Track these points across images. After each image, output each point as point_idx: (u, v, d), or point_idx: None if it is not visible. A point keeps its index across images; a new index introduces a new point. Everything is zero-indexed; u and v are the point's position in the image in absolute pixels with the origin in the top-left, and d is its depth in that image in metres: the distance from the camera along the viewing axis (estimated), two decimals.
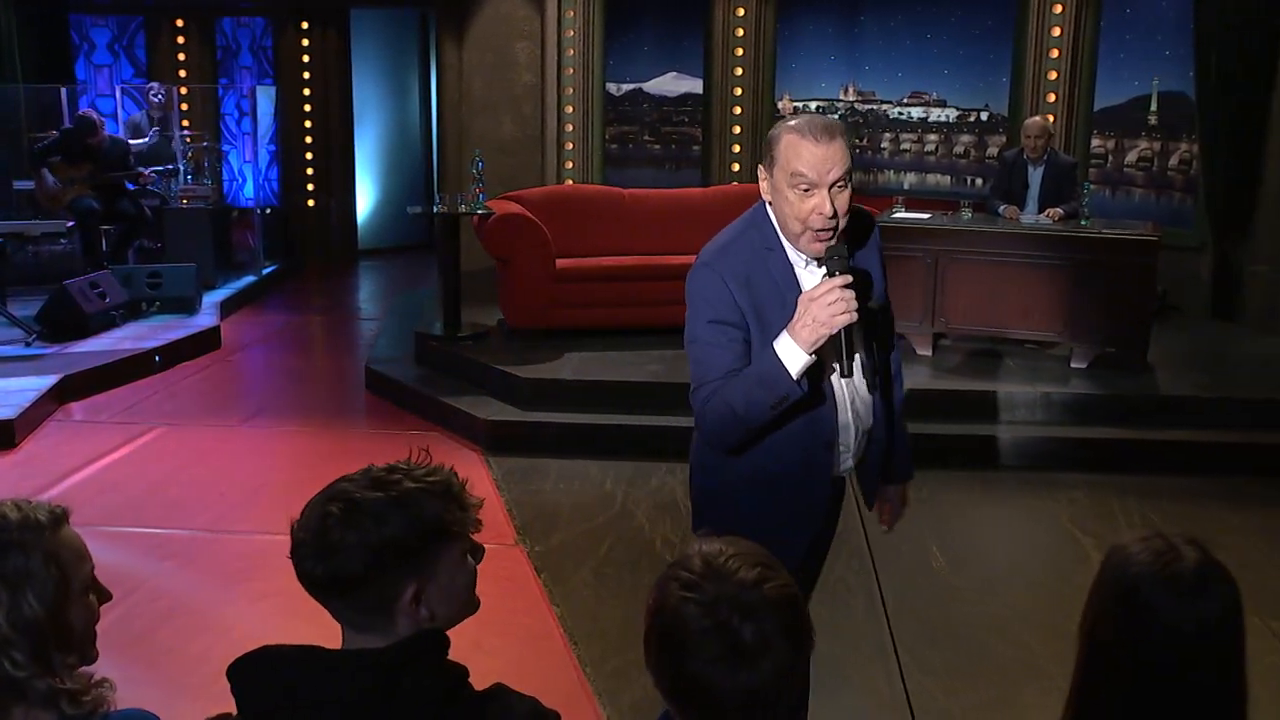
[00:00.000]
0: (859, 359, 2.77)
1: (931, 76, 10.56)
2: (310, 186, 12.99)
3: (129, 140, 10.78)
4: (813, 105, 10.80)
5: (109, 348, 8.41)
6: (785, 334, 2.64)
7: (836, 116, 2.80)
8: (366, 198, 13.62)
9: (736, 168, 10.84)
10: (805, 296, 2.63)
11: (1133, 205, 9.72)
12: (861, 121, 10.77)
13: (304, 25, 12.63)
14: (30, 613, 1.82)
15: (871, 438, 2.99)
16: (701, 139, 10.99)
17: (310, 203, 12.99)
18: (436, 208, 8.36)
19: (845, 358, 2.69)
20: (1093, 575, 1.87)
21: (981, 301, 7.54)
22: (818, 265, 2.74)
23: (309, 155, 12.94)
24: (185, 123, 11.99)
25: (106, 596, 2.00)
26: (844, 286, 2.60)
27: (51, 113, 11.32)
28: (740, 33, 10.68)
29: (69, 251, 9.19)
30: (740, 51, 10.72)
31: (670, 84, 10.98)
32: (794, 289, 2.74)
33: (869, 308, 2.76)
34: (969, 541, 5.63)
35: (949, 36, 10.41)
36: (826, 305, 2.58)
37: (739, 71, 10.75)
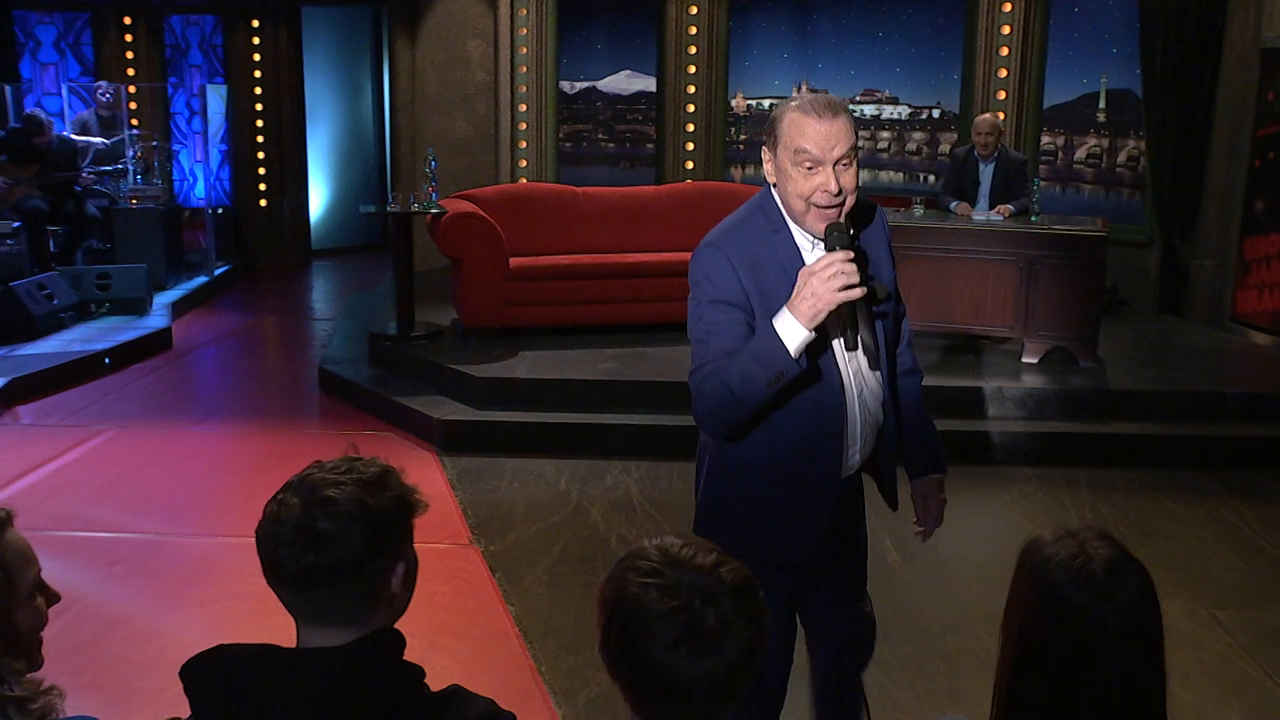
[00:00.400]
0: (862, 336, 2.65)
1: (884, 75, 10.62)
2: (262, 186, 12.87)
3: (88, 139, 10.65)
4: (766, 103, 10.84)
5: (58, 350, 8.31)
6: (785, 309, 2.56)
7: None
8: (320, 197, 13.53)
9: (690, 165, 10.86)
10: (805, 270, 2.57)
11: (1082, 201, 9.83)
12: None
13: (255, 23, 12.52)
14: None
15: (883, 434, 2.91)
16: (655, 137, 11.00)
17: (263, 202, 12.88)
18: (389, 207, 8.33)
19: (848, 330, 2.62)
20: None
21: (933, 297, 7.59)
22: (822, 243, 2.67)
23: (261, 155, 12.83)
24: (134, 122, 11.85)
25: (55, 598, 1.98)
26: (845, 261, 2.54)
27: None
28: (693, 31, 10.70)
29: (16, 252, 9.05)
30: (693, 50, 10.74)
31: (623, 82, 10.98)
32: (801, 267, 2.67)
33: (872, 286, 2.67)
34: None
35: (900, 35, 10.48)
36: (826, 279, 2.51)
37: (692, 70, 10.77)
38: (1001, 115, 9.51)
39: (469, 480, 6.30)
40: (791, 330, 2.55)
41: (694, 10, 10.67)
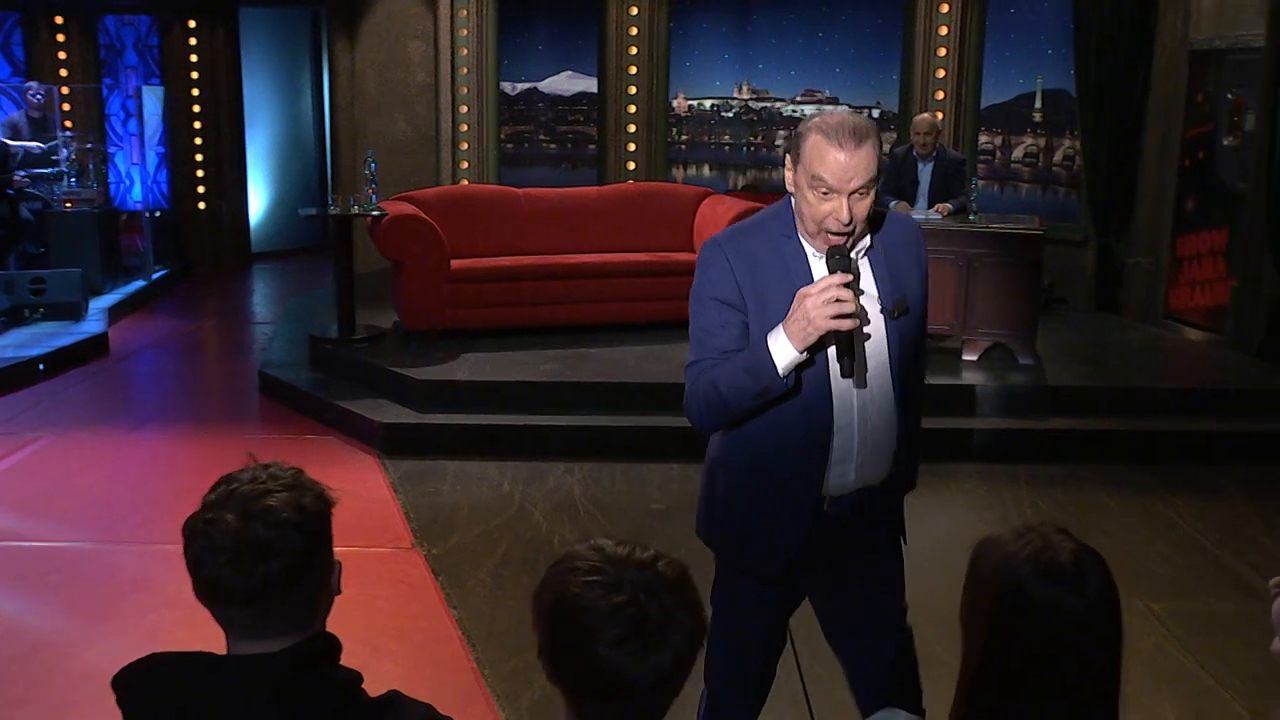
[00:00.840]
0: (855, 366, 2.65)
1: (823, 75, 10.69)
2: (201, 189, 12.71)
3: (20, 143, 10.46)
4: (707, 104, 10.87)
5: None
6: (780, 327, 2.59)
7: (864, 116, 2.65)
8: (259, 200, 13.38)
9: (632, 166, 10.87)
10: (801, 292, 2.57)
11: (1020, 200, 9.95)
12: (756, 119, 10.87)
13: (191, 24, 12.35)
14: None
15: (886, 457, 2.83)
16: (597, 138, 11.00)
17: (201, 205, 12.72)
18: (329, 210, 8.26)
19: (842, 356, 2.62)
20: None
21: None
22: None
23: (199, 157, 12.66)
24: (68, 124, 11.66)
25: None
26: (843, 285, 2.54)
27: None
28: (634, 31, 10.71)
29: None
30: (634, 50, 10.75)
31: (565, 83, 10.96)
32: (805, 279, 2.68)
33: (901, 301, 2.70)
34: None
35: (840, 36, 10.56)
36: (820, 305, 2.52)
37: (633, 70, 10.78)
38: (940, 115, 9.59)
39: (411, 483, 6.27)
40: (783, 350, 2.59)
41: (634, 11, 10.68)
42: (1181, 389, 7.29)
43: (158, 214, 11.99)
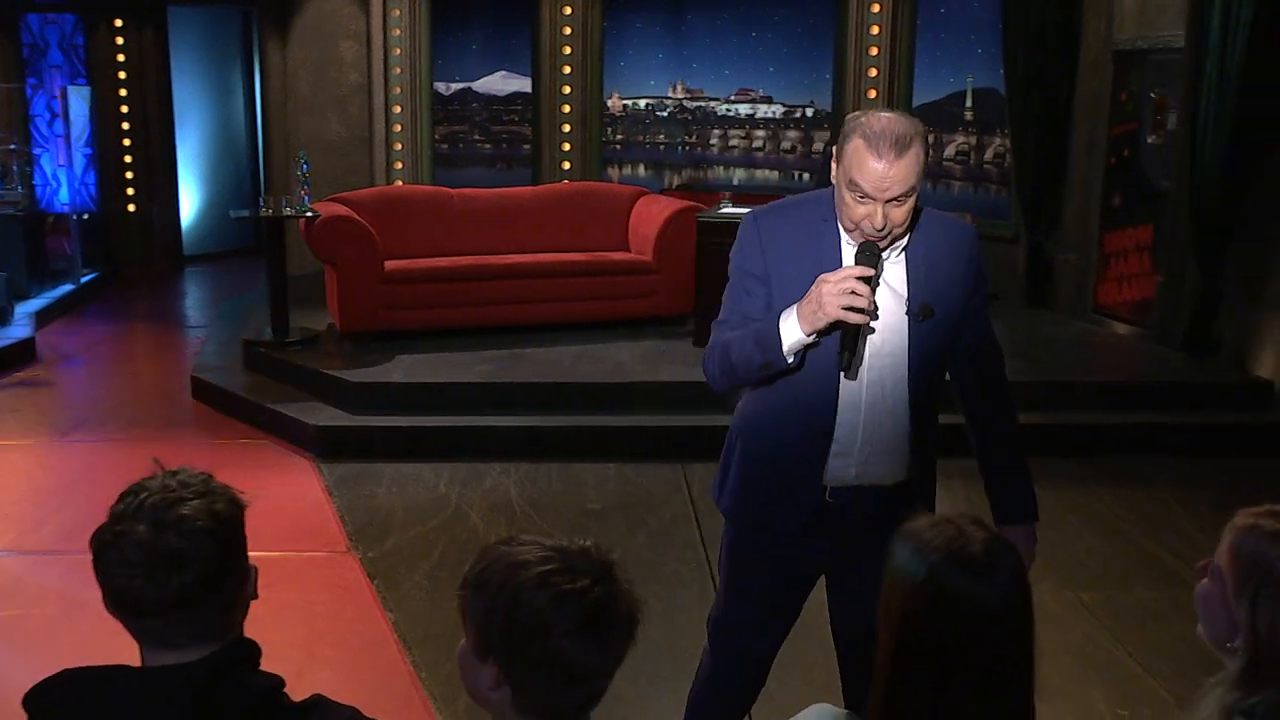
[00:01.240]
0: (853, 359, 2.65)
1: (757, 74, 10.75)
2: (130, 191, 12.51)
3: None
4: (642, 103, 10.89)
5: None
6: (794, 307, 2.62)
7: (907, 121, 2.63)
8: (191, 202, 13.21)
9: (567, 165, 10.86)
10: (821, 277, 2.59)
11: (952, 198, 10.06)
12: (690, 119, 10.90)
13: (117, 23, 12.16)
14: None
15: (896, 460, 2.84)
16: (532, 138, 10.98)
17: (131, 207, 12.52)
18: (261, 211, 8.17)
19: (844, 350, 2.62)
20: None
21: None
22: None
23: (128, 158, 12.46)
24: None
25: None
26: (861, 279, 2.55)
27: None
28: (568, 31, 10.70)
29: None
30: (568, 50, 10.74)
31: (499, 83, 10.93)
32: (834, 264, 2.69)
33: (925, 306, 2.70)
34: None
35: (773, 35, 10.62)
36: (834, 294, 2.53)
37: (567, 70, 10.77)
38: None
39: (346, 486, 6.22)
40: (791, 330, 2.63)
41: (568, 10, 10.67)
42: (1110, 382, 7.43)
43: (85, 216, 11.79)
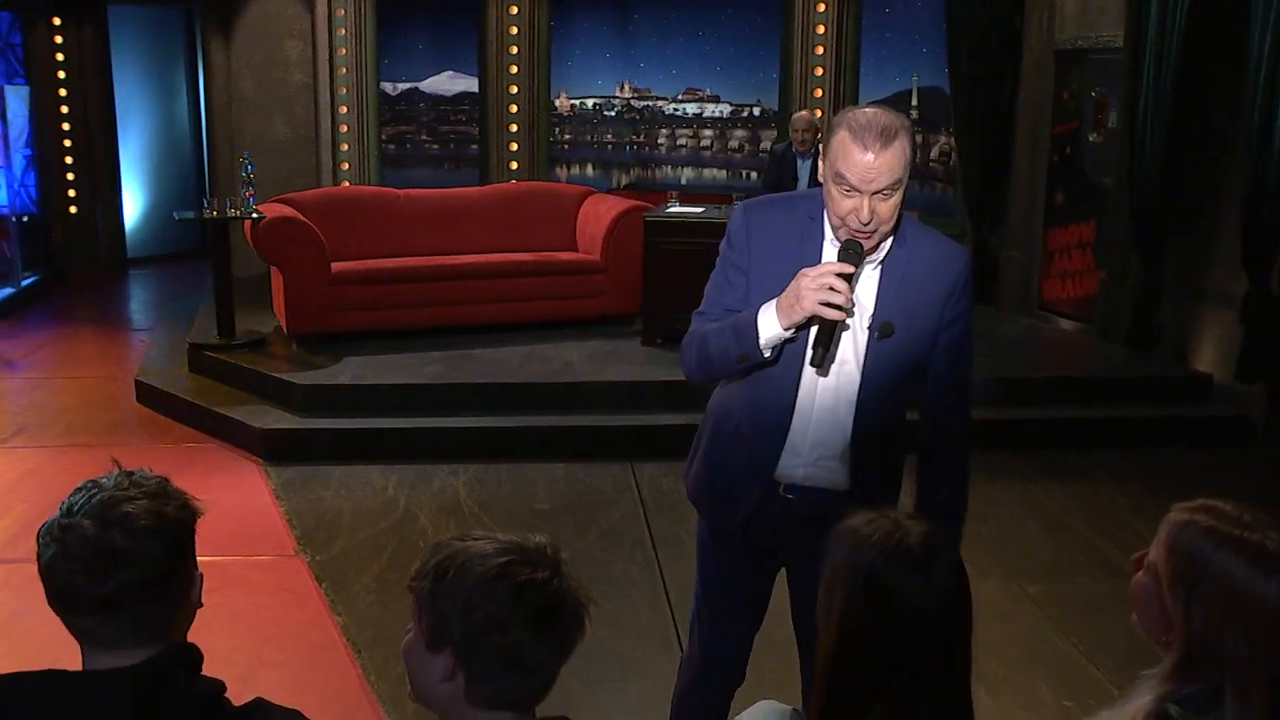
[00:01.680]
0: (826, 359, 2.64)
1: (705, 73, 10.78)
2: (72, 192, 12.33)
3: None
4: (589, 103, 10.89)
5: None
6: (773, 301, 2.62)
7: (895, 114, 2.63)
8: (135, 203, 13.04)
9: (515, 165, 10.83)
10: (801, 271, 2.58)
11: None
12: (638, 118, 10.92)
13: (56, 21, 11.98)
14: None
15: (837, 467, 2.81)
16: (479, 138, 10.94)
17: (73, 209, 12.34)
18: (205, 213, 8.09)
19: (817, 345, 2.60)
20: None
21: None
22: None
23: (69, 159, 12.28)
24: None
25: None
26: (842, 276, 2.53)
27: None
28: (514, 31, 10.67)
29: None
30: (515, 50, 10.71)
31: (446, 83, 10.89)
32: (815, 260, 2.69)
33: (880, 327, 2.66)
34: None
35: (720, 35, 10.65)
36: (813, 288, 2.52)
37: (514, 70, 10.74)
38: (819, 112, 9.74)
39: (294, 490, 6.18)
40: (769, 323, 2.63)
41: (514, 10, 10.64)
42: (1054, 377, 7.52)
43: (25, 218, 11.62)
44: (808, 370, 2.71)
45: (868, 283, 2.70)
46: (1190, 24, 7.21)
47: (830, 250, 2.70)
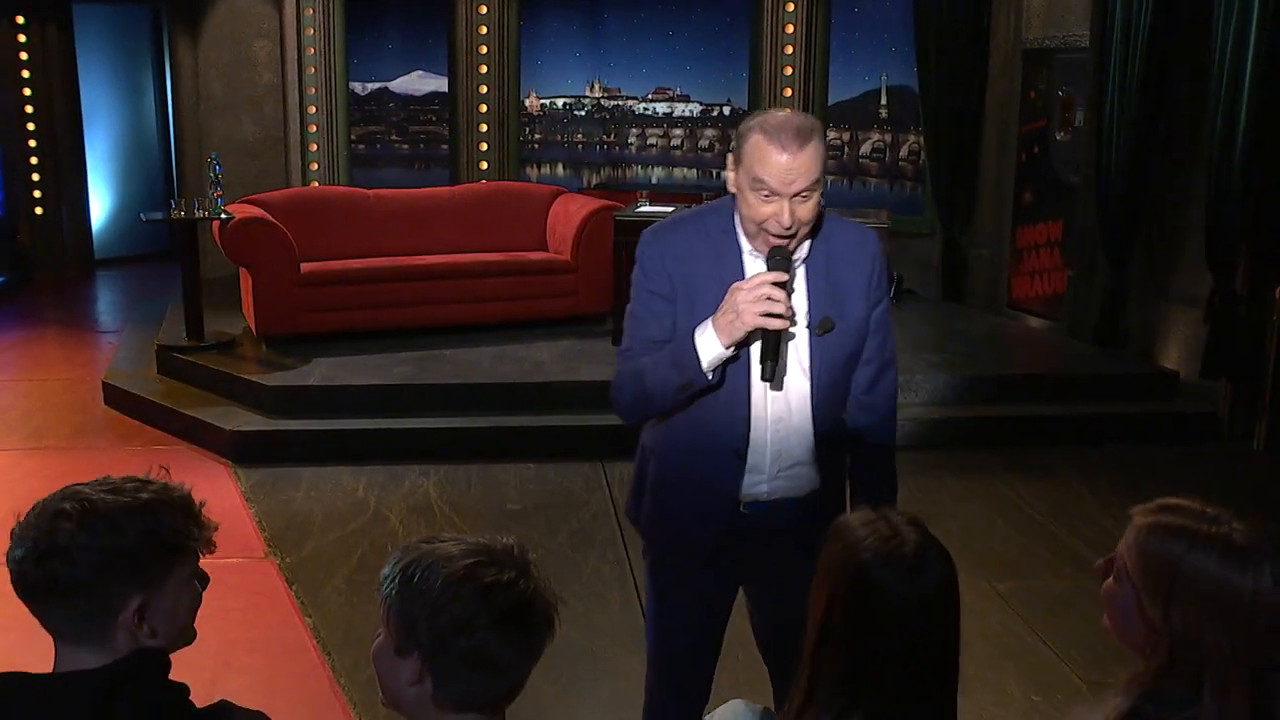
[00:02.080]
0: (776, 371, 2.59)
1: (674, 73, 10.79)
2: (38, 193, 12.22)
3: None
4: (559, 103, 10.88)
5: None
6: (708, 322, 2.56)
7: (806, 115, 2.61)
8: (102, 204, 12.93)
9: (485, 165, 10.81)
10: (734, 286, 2.53)
11: (869, 195, 10.19)
12: (608, 118, 10.92)
13: (19, 20, 11.87)
14: None
15: (804, 473, 2.78)
16: (449, 137, 10.92)
17: (38, 210, 12.23)
18: (173, 214, 8.04)
19: (766, 359, 2.55)
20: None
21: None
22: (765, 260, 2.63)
23: (34, 160, 12.17)
24: None
25: None
26: (777, 285, 2.49)
27: None
28: (484, 30, 10.65)
29: None
30: (484, 49, 10.69)
31: (416, 83, 10.85)
32: (737, 276, 2.63)
33: (825, 320, 2.64)
34: None
35: (689, 34, 10.66)
36: (750, 300, 2.48)
37: (483, 69, 10.72)
38: (787, 111, 9.75)
39: (264, 491, 6.15)
40: (709, 344, 2.56)
41: (484, 10, 10.61)
42: (1023, 375, 7.57)
43: None
44: (756, 385, 2.67)
45: (797, 284, 2.69)
46: (1154, 25, 7.27)
47: (750, 261, 2.68)
